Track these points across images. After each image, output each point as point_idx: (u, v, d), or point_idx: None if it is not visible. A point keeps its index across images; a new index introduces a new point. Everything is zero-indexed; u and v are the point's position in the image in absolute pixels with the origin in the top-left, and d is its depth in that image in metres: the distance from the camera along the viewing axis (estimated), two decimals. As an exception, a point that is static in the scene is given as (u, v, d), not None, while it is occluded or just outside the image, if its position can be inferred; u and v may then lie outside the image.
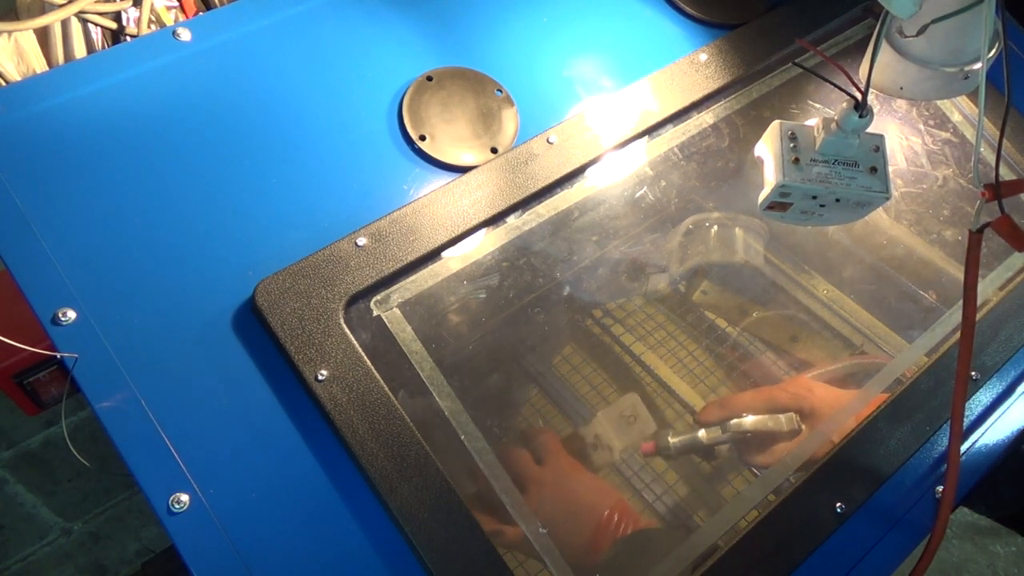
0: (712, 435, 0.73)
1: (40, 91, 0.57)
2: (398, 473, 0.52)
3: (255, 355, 0.54)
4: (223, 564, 0.48)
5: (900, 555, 0.61)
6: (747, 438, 0.73)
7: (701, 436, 0.74)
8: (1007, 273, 0.76)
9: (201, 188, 0.58)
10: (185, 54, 0.61)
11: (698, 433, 0.74)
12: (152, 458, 0.50)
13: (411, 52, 0.67)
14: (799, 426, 0.71)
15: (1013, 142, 0.80)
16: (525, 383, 0.81)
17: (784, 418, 0.72)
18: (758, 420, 0.72)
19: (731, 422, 0.73)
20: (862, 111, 0.52)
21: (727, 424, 0.73)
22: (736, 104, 0.76)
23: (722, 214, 0.88)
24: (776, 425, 0.72)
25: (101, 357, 0.51)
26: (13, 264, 0.52)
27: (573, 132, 0.66)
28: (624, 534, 0.64)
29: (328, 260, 0.56)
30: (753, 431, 0.72)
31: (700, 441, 0.74)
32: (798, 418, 0.72)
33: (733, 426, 0.73)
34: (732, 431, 0.73)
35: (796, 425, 0.71)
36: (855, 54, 0.82)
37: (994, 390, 0.69)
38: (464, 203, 0.61)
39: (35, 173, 0.55)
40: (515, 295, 0.77)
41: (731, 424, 0.73)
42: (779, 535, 0.58)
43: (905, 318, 0.86)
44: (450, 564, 0.51)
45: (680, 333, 0.88)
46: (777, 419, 0.72)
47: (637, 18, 0.75)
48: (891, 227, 0.89)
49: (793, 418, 0.71)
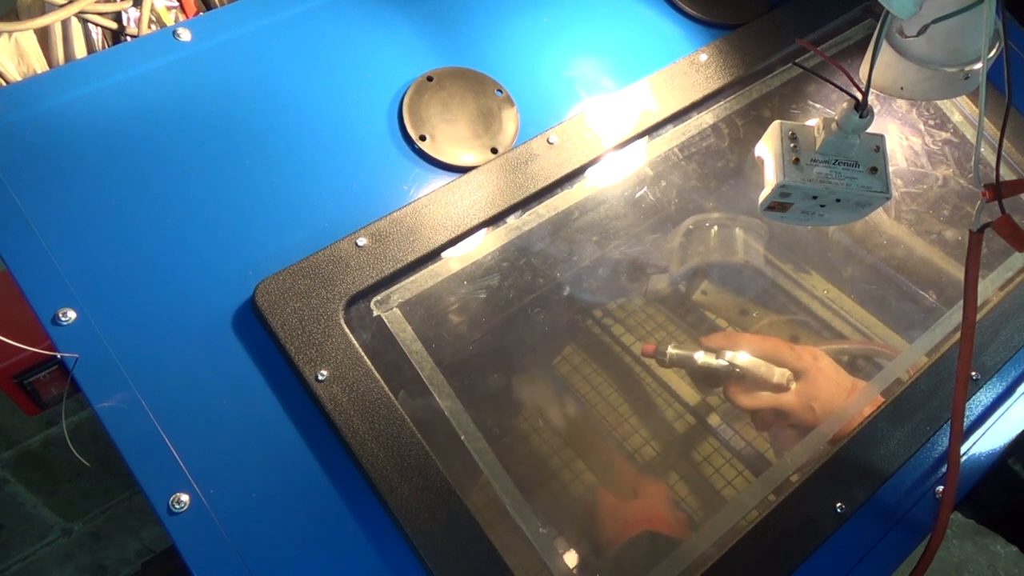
0: (707, 359, 0.76)
1: (40, 91, 0.57)
2: (398, 473, 0.52)
3: (255, 355, 0.54)
4: (223, 564, 0.48)
5: (900, 555, 0.61)
6: (736, 374, 0.75)
7: (697, 357, 0.76)
8: (1007, 273, 0.76)
9: (201, 188, 0.58)
10: (185, 54, 0.61)
11: (696, 354, 0.76)
12: (152, 458, 0.50)
13: (411, 52, 0.67)
14: (788, 384, 0.73)
15: (1013, 142, 0.80)
16: (525, 383, 0.81)
17: (778, 371, 0.73)
18: (753, 362, 0.74)
19: (728, 353, 0.75)
20: (862, 111, 0.52)
21: (724, 354, 0.75)
22: (736, 104, 0.76)
23: (722, 214, 0.88)
24: (767, 373, 0.73)
25: (101, 357, 0.51)
26: (13, 264, 0.52)
27: (573, 132, 0.66)
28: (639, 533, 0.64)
29: (328, 260, 0.56)
30: (744, 370, 0.74)
31: (694, 360, 0.76)
32: (791, 376, 0.73)
33: (729, 358, 0.75)
34: (727, 363, 0.75)
35: (786, 382, 0.73)
36: (855, 54, 0.82)
37: (994, 390, 0.69)
38: (464, 203, 0.61)
39: (35, 173, 0.55)
40: (515, 295, 0.77)
41: (728, 355, 0.75)
42: (779, 535, 0.58)
43: (905, 318, 0.86)
44: (450, 564, 0.51)
45: (680, 333, 0.88)
46: (771, 368, 0.74)
47: (637, 18, 0.75)
48: (891, 227, 0.89)
49: (785, 374, 0.73)
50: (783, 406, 0.72)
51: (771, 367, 0.73)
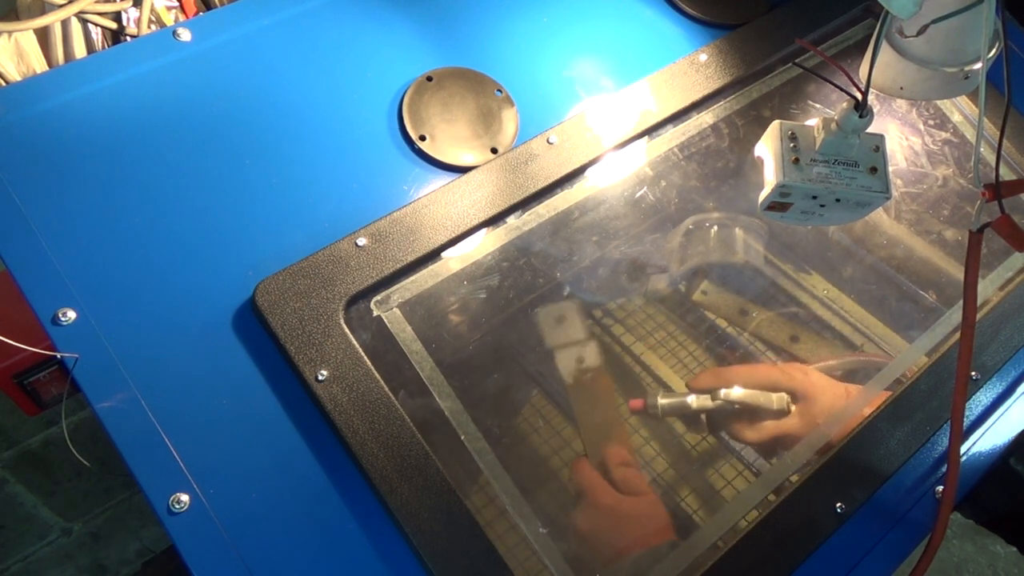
0: (702, 402, 0.73)
1: (40, 91, 0.57)
2: (398, 473, 0.52)
3: (255, 355, 0.54)
4: (223, 564, 0.48)
5: (900, 555, 0.61)
6: (735, 410, 0.72)
7: (691, 401, 0.73)
8: (1007, 273, 0.76)
9: (201, 188, 0.58)
10: (185, 54, 0.61)
11: (688, 398, 0.74)
12: (152, 458, 0.50)
13: (411, 52, 0.67)
14: (789, 407, 0.71)
15: (1013, 142, 0.80)
16: (525, 383, 0.81)
17: (775, 396, 0.71)
18: (749, 394, 0.72)
19: (722, 391, 0.72)
20: (862, 111, 0.52)
21: (718, 393, 0.72)
22: (736, 104, 0.76)
23: (722, 214, 0.88)
24: (766, 402, 0.71)
25: (101, 357, 0.51)
26: (13, 264, 0.52)
27: (573, 132, 0.66)
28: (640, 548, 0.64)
29: (328, 260, 0.56)
30: (742, 404, 0.72)
31: (688, 406, 0.73)
32: (789, 399, 0.71)
33: (723, 396, 0.72)
34: (722, 400, 0.72)
35: (786, 406, 0.71)
36: (855, 54, 0.82)
37: (994, 390, 0.69)
38: (464, 203, 0.61)
39: (35, 173, 0.55)
40: (515, 295, 0.77)
41: (722, 393, 0.72)
42: (779, 535, 0.58)
43: (905, 318, 0.86)
44: (450, 564, 0.51)
45: (680, 333, 0.88)
46: (768, 396, 0.71)
47: (637, 18, 0.75)
48: (891, 227, 0.89)
49: (784, 398, 0.71)
50: (788, 430, 0.70)
51: (768, 395, 0.71)
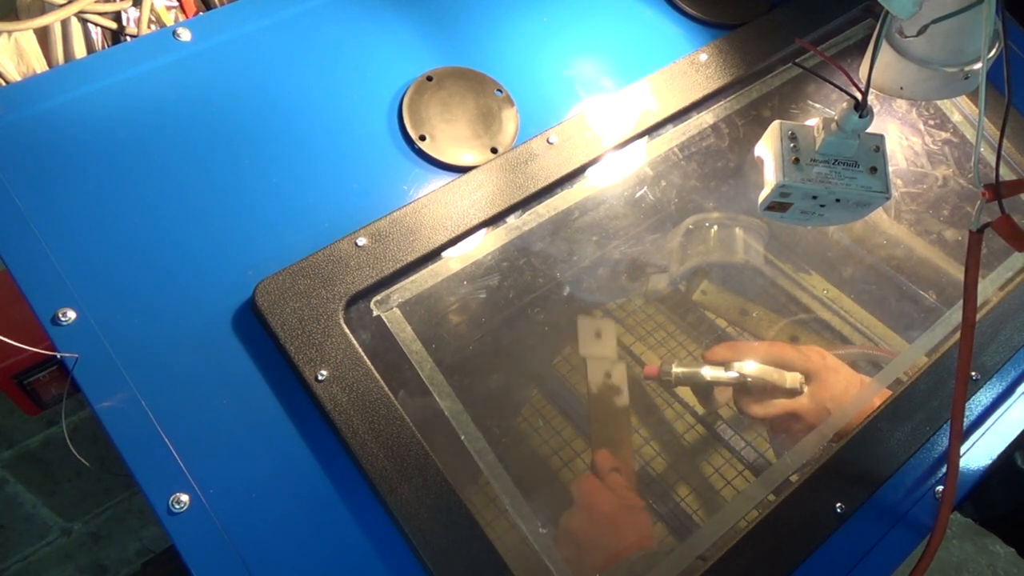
0: (715, 374, 0.73)
1: (40, 91, 0.57)
2: (398, 473, 0.52)
3: (255, 355, 0.54)
4: (223, 564, 0.48)
5: (900, 555, 0.61)
6: (748, 385, 0.72)
7: (704, 372, 0.73)
8: (1007, 273, 0.76)
9: (201, 188, 0.58)
10: (185, 54, 0.61)
11: (702, 369, 0.73)
12: (152, 458, 0.50)
13: (411, 52, 0.67)
14: (801, 388, 0.70)
15: (1013, 142, 0.80)
16: (525, 383, 0.81)
17: (789, 375, 0.71)
18: (763, 370, 0.71)
19: (735, 364, 0.72)
20: (862, 111, 0.52)
21: (732, 366, 0.72)
22: (736, 104, 0.76)
23: (722, 214, 0.88)
24: (779, 379, 0.71)
25: (101, 357, 0.51)
26: (13, 264, 0.52)
27: (573, 132, 0.66)
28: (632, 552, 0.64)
29: (328, 260, 0.56)
30: (755, 379, 0.71)
31: (702, 376, 0.73)
32: (803, 380, 0.71)
33: (737, 369, 0.72)
34: (736, 374, 0.72)
35: (799, 386, 0.70)
36: (855, 54, 0.82)
37: (994, 390, 0.69)
38: (464, 203, 0.61)
39: (35, 173, 0.55)
40: (515, 295, 0.77)
41: (736, 367, 0.72)
42: (779, 535, 0.58)
43: (905, 318, 0.86)
44: (450, 564, 0.51)
45: (680, 333, 0.88)
46: (782, 374, 0.71)
47: (637, 18, 0.75)
48: (891, 227, 0.89)
49: (798, 378, 0.70)
50: (798, 410, 0.70)
51: (782, 373, 0.71)
